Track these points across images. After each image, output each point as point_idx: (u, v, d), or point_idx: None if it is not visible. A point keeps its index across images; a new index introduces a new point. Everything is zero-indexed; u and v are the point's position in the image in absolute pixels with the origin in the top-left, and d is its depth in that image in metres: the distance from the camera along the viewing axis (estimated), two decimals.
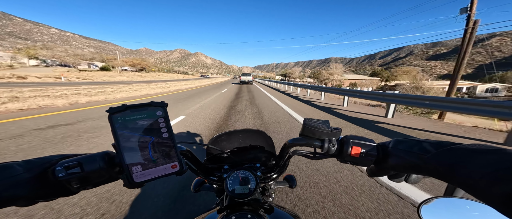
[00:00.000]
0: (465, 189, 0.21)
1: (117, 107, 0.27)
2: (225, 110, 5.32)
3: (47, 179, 0.26)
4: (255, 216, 0.38)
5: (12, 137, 2.81)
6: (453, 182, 0.22)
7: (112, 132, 0.27)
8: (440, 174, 0.23)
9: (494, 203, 0.18)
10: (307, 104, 7.16)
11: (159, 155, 0.29)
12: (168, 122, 0.30)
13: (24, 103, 5.33)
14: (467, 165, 0.20)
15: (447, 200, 0.29)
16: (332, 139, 0.35)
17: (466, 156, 0.21)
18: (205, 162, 0.55)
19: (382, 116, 4.80)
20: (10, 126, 3.41)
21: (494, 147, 0.21)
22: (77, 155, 0.29)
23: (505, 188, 0.17)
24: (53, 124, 3.61)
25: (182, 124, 3.77)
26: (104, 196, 1.47)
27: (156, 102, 0.30)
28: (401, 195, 1.51)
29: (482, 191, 0.19)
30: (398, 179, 0.33)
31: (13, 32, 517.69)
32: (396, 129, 3.70)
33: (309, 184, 1.66)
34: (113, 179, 0.30)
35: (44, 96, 6.82)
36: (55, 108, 5.20)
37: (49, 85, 13.16)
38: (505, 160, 0.18)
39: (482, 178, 0.19)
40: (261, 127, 3.63)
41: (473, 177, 0.19)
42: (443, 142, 0.26)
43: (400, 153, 0.29)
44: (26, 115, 4.29)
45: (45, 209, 1.32)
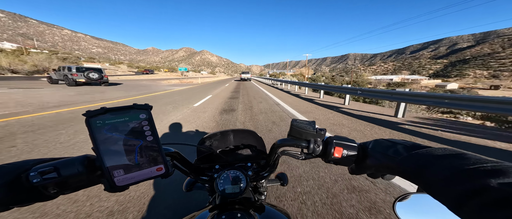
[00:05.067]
0: (427, 190, 0.22)
1: (95, 111, 0.26)
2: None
3: (21, 185, 0.25)
4: (246, 215, 0.38)
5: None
6: (418, 184, 0.23)
7: (90, 136, 0.26)
8: (407, 176, 0.25)
9: (447, 204, 0.19)
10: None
11: (144, 158, 0.29)
12: (153, 124, 0.29)
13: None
14: (430, 168, 0.21)
15: (421, 196, 0.30)
16: (318, 139, 0.37)
17: (430, 159, 0.22)
18: (196, 162, 0.55)
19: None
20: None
21: (458, 151, 0.22)
22: (55, 159, 0.28)
23: (455, 190, 0.18)
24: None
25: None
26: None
27: (139, 105, 0.29)
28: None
29: (438, 193, 0.20)
30: (374, 176, 0.34)
31: (26, 33, 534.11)
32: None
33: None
34: (93, 183, 0.30)
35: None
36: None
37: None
38: (460, 164, 0.19)
39: (439, 181, 0.20)
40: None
41: (432, 180, 0.21)
42: (416, 145, 0.27)
43: (377, 154, 0.31)
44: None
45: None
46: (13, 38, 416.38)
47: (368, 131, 3.31)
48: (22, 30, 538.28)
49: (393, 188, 1.55)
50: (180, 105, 5.66)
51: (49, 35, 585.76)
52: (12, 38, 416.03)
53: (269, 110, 5.06)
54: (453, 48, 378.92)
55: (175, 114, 4.41)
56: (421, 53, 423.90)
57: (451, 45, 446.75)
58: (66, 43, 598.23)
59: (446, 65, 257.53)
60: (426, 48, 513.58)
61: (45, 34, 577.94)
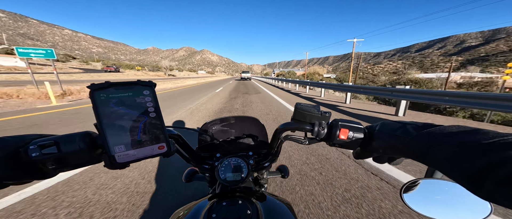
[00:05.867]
0: (438, 169, 0.21)
1: (100, 84, 0.26)
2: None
3: (19, 159, 0.24)
4: (247, 202, 0.38)
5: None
6: (428, 163, 0.22)
7: (94, 109, 0.25)
8: (417, 156, 0.24)
9: (460, 180, 0.18)
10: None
11: (146, 136, 0.28)
12: (156, 102, 0.29)
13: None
14: (440, 146, 0.20)
15: (428, 181, 0.30)
16: (322, 122, 0.36)
17: (442, 137, 0.21)
18: (197, 150, 0.54)
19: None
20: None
21: (473, 128, 0.20)
22: (55, 135, 0.27)
23: (467, 165, 0.17)
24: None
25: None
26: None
27: (143, 81, 0.29)
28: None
29: (450, 170, 0.19)
30: (381, 160, 0.33)
31: (26, 33, 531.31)
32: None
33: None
34: (94, 160, 0.29)
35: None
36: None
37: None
38: (476, 139, 0.18)
39: (450, 157, 0.19)
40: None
41: (443, 157, 0.20)
42: (427, 125, 0.25)
43: (383, 136, 0.29)
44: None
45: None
46: (12, 38, 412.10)
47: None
48: (23, 30, 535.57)
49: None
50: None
51: (50, 35, 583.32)
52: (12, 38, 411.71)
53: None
54: (463, 46, 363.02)
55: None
56: (430, 50, 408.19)
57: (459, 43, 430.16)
58: (67, 43, 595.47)
59: (462, 62, 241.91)
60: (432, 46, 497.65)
61: (45, 34, 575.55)
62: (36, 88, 7.58)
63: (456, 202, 0.27)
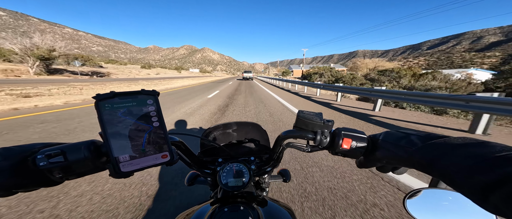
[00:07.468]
0: (444, 180, 0.21)
1: (105, 94, 0.26)
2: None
3: (27, 168, 0.25)
4: (248, 208, 0.38)
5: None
6: (433, 174, 0.22)
7: (99, 119, 0.26)
8: (422, 166, 0.23)
9: (467, 193, 0.18)
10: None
11: (150, 145, 0.29)
12: (159, 111, 0.30)
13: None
14: (448, 158, 0.20)
15: (431, 191, 0.30)
16: (325, 131, 0.36)
17: (449, 149, 0.21)
18: (199, 155, 0.55)
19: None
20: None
21: (479, 140, 0.20)
22: (60, 144, 0.29)
23: (475, 179, 0.17)
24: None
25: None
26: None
27: (147, 90, 0.29)
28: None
29: (457, 182, 0.19)
30: (385, 170, 0.33)
31: (27, 32, 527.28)
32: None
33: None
34: (99, 169, 0.29)
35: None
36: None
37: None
38: (485, 152, 0.18)
39: (458, 170, 0.19)
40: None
41: (450, 169, 0.20)
42: (431, 135, 0.25)
43: (388, 145, 0.29)
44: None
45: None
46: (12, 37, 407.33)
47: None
48: (23, 29, 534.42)
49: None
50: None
51: (50, 33, 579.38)
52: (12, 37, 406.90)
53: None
54: (489, 42, 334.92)
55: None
56: (437, 48, 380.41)
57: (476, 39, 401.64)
58: (67, 41, 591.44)
59: (503, 58, 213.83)
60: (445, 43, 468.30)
61: (45, 32, 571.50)
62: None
63: (460, 213, 0.27)
